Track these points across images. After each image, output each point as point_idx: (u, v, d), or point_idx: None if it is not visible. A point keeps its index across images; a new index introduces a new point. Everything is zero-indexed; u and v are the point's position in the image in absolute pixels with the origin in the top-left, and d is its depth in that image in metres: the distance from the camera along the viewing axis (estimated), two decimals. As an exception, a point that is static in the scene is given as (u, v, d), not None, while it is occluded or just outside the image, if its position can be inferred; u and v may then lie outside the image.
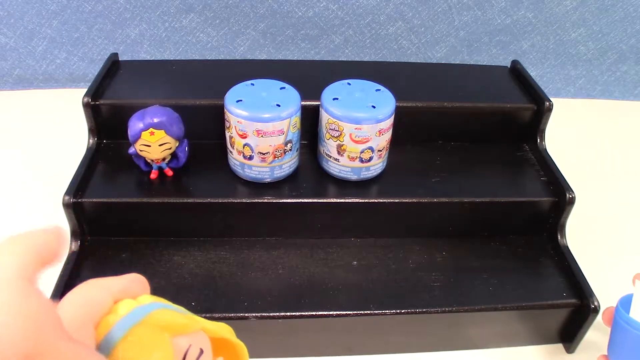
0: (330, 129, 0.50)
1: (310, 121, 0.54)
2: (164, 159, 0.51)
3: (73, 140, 0.62)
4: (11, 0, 0.76)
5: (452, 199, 0.52)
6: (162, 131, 0.48)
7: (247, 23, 0.79)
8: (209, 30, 0.80)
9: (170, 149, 0.50)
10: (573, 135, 0.75)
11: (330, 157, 0.52)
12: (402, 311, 0.47)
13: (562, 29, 0.82)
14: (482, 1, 0.78)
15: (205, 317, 0.49)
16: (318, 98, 0.51)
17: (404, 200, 0.52)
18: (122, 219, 0.52)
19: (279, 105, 0.48)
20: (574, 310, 0.48)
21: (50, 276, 0.47)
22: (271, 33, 0.80)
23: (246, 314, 0.46)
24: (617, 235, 0.62)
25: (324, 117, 0.50)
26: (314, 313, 0.46)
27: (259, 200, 0.50)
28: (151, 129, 0.47)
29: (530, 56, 0.84)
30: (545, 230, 0.55)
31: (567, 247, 0.53)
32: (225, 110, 0.49)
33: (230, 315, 0.45)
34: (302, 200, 0.51)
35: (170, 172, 0.52)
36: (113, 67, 0.60)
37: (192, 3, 0.77)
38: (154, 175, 0.52)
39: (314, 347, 0.49)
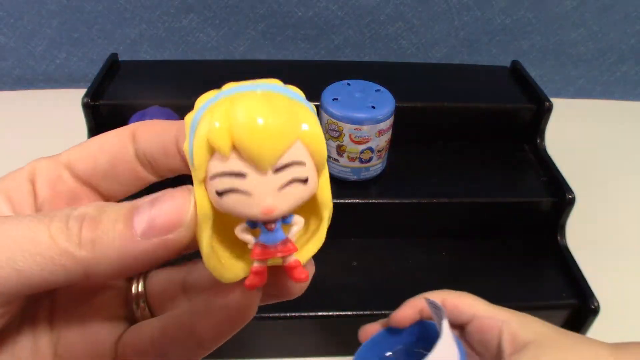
0: (330, 129, 0.50)
1: (310, 121, 0.54)
2: (163, 160, 0.51)
3: (73, 140, 0.62)
4: (11, 0, 0.75)
5: (452, 199, 0.52)
6: (162, 131, 0.48)
7: (246, 23, 0.79)
8: (209, 30, 0.80)
9: (170, 149, 0.49)
10: (573, 135, 0.75)
11: (330, 157, 0.52)
12: (402, 311, 0.47)
13: (562, 29, 0.82)
14: (482, 1, 0.78)
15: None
16: (318, 98, 0.51)
17: (403, 201, 0.52)
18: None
19: (278, 106, 0.48)
20: (573, 310, 0.48)
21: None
22: (271, 33, 0.80)
23: (246, 315, 0.46)
24: (617, 235, 0.62)
25: (324, 117, 0.50)
26: (314, 313, 0.46)
27: (259, 201, 0.50)
28: (151, 130, 0.47)
29: (530, 56, 0.84)
30: (545, 231, 0.55)
31: (567, 247, 0.53)
32: (225, 110, 0.49)
33: (230, 315, 0.45)
34: (302, 201, 0.51)
35: (170, 173, 0.52)
36: (113, 67, 0.60)
37: (192, 3, 0.77)
38: (153, 175, 0.52)
39: (314, 347, 0.49)
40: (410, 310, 0.39)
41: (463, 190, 0.53)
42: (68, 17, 0.77)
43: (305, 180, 0.16)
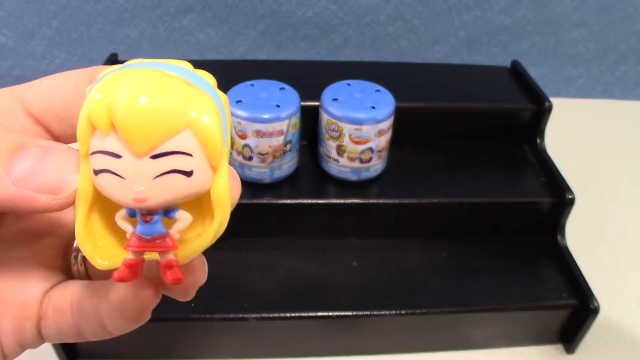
0: (330, 129, 0.50)
1: (309, 122, 0.54)
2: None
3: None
4: (11, 0, 0.75)
5: (452, 199, 0.52)
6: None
7: (246, 23, 0.79)
8: (209, 30, 0.80)
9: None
10: (573, 135, 0.75)
11: (330, 157, 0.52)
12: (402, 311, 0.47)
13: (562, 29, 0.82)
14: (482, 1, 0.78)
15: (205, 318, 0.49)
16: (318, 98, 0.51)
17: (403, 201, 0.52)
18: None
19: (278, 106, 0.48)
20: (573, 310, 0.48)
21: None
22: (271, 33, 0.80)
23: (246, 315, 0.46)
24: (617, 236, 0.62)
25: (324, 117, 0.50)
26: (314, 314, 0.46)
27: (259, 201, 0.50)
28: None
29: (530, 56, 0.84)
30: (545, 231, 0.55)
31: (567, 247, 0.53)
32: (225, 110, 0.49)
33: (230, 316, 0.45)
34: (302, 201, 0.51)
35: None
36: (113, 67, 0.60)
37: (192, 3, 0.77)
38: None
39: (314, 347, 0.49)
40: None
41: (463, 190, 0.53)
42: (68, 17, 0.77)
43: (188, 173, 0.15)
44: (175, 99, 0.15)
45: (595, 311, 0.47)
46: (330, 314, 0.46)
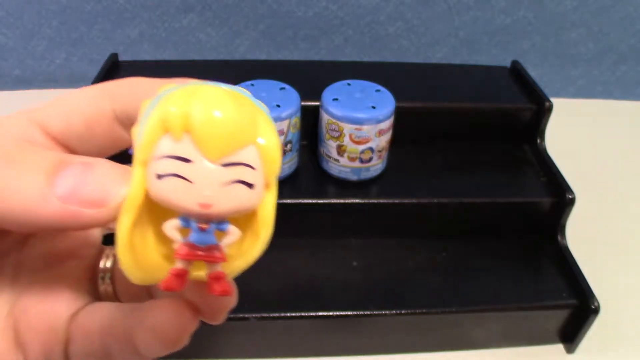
0: (330, 129, 0.50)
1: (310, 122, 0.54)
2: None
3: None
4: (11, 0, 0.75)
5: (452, 199, 0.52)
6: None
7: (247, 23, 0.79)
8: (209, 30, 0.80)
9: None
10: (573, 135, 0.75)
11: (330, 157, 0.52)
12: (402, 311, 0.47)
13: (562, 29, 0.82)
14: (482, 1, 0.78)
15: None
16: (318, 98, 0.51)
17: (404, 201, 0.52)
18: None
19: (278, 106, 0.48)
20: (574, 310, 0.48)
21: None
22: (271, 33, 0.80)
23: (246, 315, 0.46)
24: (617, 235, 0.62)
25: (324, 117, 0.50)
26: (314, 314, 0.46)
27: (259, 201, 0.50)
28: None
29: (530, 56, 0.84)
30: (545, 231, 0.55)
31: (567, 247, 0.53)
32: (225, 110, 0.49)
33: (230, 316, 0.45)
34: (302, 201, 0.51)
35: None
36: (113, 67, 0.60)
37: (192, 3, 0.77)
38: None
39: (314, 347, 0.49)
40: None
41: (463, 190, 0.53)
42: (68, 17, 0.77)
43: (251, 186, 0.16)
44: (248, 114, 0.16)
45: (595, 311, 0.47)
46: (330, 313, 0.46)
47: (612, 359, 0.50)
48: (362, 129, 0.49)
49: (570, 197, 0.51)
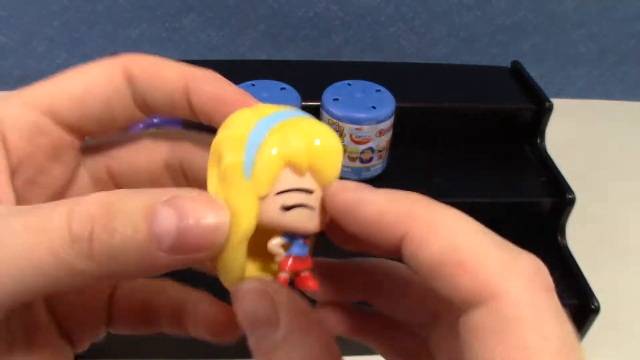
0: (331, 129, 0.50)
1: (310, 121, 0.54)
2: (164, 160, 0.51)
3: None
4: (11, 0, 0.76)
5: (452, 199, 0.52)
6: (163, 131, 0.48)
7: (247, 23, 0.79)
8: (209, 30, 0.80)
9: (170, 149, 0.49)
10: (573, 135, 0.75)
11: (331, 157, 0.52)
12: (402, 311, 0.47)
13: (562, 29, 0.82)
14: (482, 1, 0.78)
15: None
16: (318, 99, 0.51)
17: (404, 201, 0.52)
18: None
19: (279, 106, 0.48)
20: (574, 310, 0.48)
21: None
22: (271, 33, 0.80)
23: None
24: (617, 235, 0.62)
25: (325, 117, 0.50)
26: (314, 313, 0.46)
27: (259, 201, 0.50)
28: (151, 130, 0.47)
29: (530, 56, 0.84)
30: (545, 231, 0.55)
31: (567, 247, 0.53)
32: (225, 110, 0.49)
33: (230, 315, 0.45)
34: (303, 201, 0.51)
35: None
36: (113, 67, 0.60)
37: (193, 3, 0.77)
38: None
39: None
40: None
41: (463, 190, 0.53)
42: (68, 17, 0.77)
43: None
44: (339, 141, 0.18)
45: (595, 311, 0.47)
46: (331, 313, 0.46)
47: (612, 359, 0.50)
48: (362, 129, 0.49)
49: (570, 197, 0.51)
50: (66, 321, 0.18)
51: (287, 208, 0.17)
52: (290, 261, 0.18)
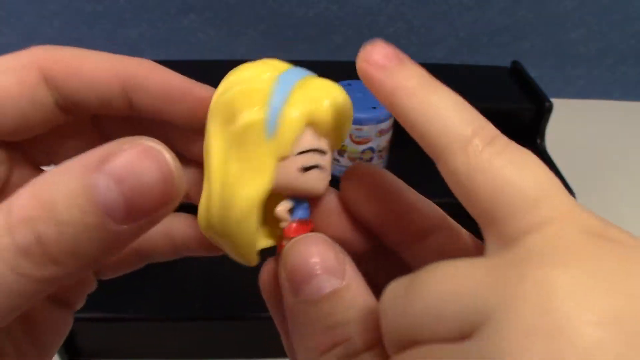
0: (331, 129, 0.50)
1: (310, 121, 0.54)
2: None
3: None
4: (11, 0, 0.76)
5: (452, 199, 0.52)
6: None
7: (247, 23, 0.79)
8: (209, 30, 0.80)
9: (170, 149, 0.50)
10: (573, 135, 0.75)
11: (331, 157, 0.52)
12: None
13: (562, 29, 0.82)
14: (482, 1, 0.78)
15: (205, 318, 0.49)
16: (318, 98, 0.51)
17: (404, 201, 0.52)
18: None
19: (279, 106, 0.48)
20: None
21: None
22: (271, 33, 0.80)
23: (246, 315, 0.46)
24: (617, 236, 0.62)
25: (324, 117, 0.50)
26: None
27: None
28: (152, 130, 0.47)
29: (530, 56, 0.84)
30: (545, 231, 0.55)
31: (567, 247, 0.53)
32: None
33: (230, 315, 0.46)
34: (303, 201, 0.51)
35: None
36: (113, 67, 0.60)
37: (193, 3, 0.77)
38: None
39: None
40: None
41: (463, 190, 0.53)
42: (68, 17, 0.78)
43: None
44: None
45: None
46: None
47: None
48: (362, 129, 0.49)
49: (570, 197, 0.51)
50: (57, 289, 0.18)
51: (307, 169, 0.16)
52: (294, 226, 0.17)
